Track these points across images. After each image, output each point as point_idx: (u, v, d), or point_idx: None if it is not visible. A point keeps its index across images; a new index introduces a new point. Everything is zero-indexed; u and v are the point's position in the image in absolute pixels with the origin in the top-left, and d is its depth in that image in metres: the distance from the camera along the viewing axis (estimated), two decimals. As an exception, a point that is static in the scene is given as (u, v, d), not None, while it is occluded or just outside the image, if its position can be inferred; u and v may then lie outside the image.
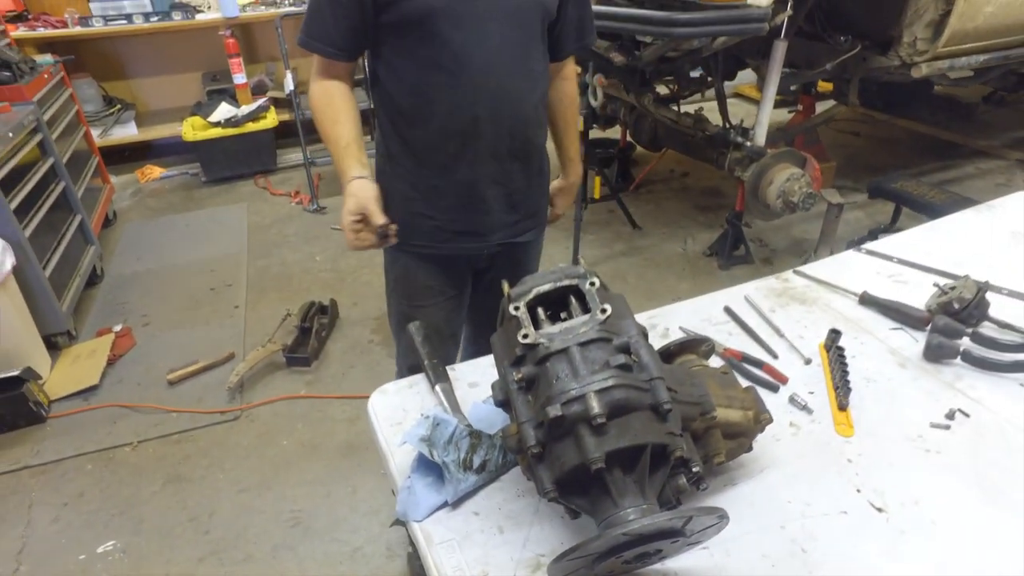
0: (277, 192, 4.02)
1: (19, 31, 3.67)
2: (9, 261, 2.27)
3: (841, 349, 1.12)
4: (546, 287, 0.77)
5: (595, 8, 2.45)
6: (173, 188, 4.18)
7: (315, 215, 3.72)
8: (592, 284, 0.75)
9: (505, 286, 0.81)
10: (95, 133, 3.90)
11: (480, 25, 1.20)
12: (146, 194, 4.11)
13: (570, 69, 1.49)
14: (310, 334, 2.55)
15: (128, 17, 3.96)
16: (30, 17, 3.86)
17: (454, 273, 1.48)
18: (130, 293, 3.04)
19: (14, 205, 2.41)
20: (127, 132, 4.29)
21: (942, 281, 1.25)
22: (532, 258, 1.60)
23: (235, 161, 4.15)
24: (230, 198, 4.00)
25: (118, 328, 2.72)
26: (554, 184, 1.58)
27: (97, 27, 3.91)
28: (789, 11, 2.37)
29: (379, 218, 1.24)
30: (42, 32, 3.78)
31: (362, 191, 1.24)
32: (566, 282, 0.77)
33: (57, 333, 2.59)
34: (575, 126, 1.59)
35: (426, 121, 1.29)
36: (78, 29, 3.87)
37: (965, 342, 1.12)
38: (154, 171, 4.32)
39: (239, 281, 3.10)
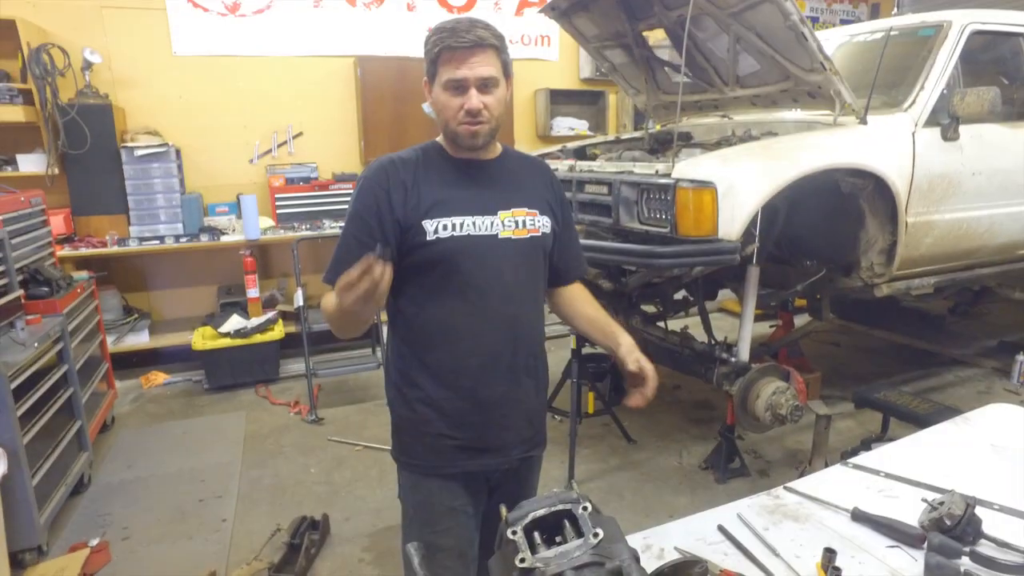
0: (277, 402, 4.08)
1: (64, 250, 4.04)
2: (0, 470, 2.24)
3: (838, 569, 1.11)
4: (541, 512, 0.82)
5: (586, 242, 2.79)
6: (175, 394, 4.25)
7: (312, 426, 3.74)
8: (585, 508, 0.80)
9: (503, 510, 0.86)
10: (109, 340, 4.08)
11: (496, 261, 1.38)
12: (147, 399, 4.17)
13: (577, 283, 1.66)
14: (299, 551, 2.44)
15: (161, 238, 4.37)
16: (76, 238, 4.27)
17: (475, 491, 1.51)
18: (114, 503, 2.95)
19: (22, 411, 2.44)
20: (139, 340, 4.47)
21: (930, 496, 1.28)
22: (536, 473, 1.65)
23: (239, 370, 4.27)
24: (230, 406, 4.05)
25: (94, 543, 2.58)
26: (621, 355, 1.47)
27: (132, 247, 4.31)
28: (757, 243, 2.67)
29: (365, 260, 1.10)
30: (83, 251, 4.16)
31: None
32: (560, 507, 0.82)
33: (26, 549, 2.45)
34: (598, 306, 1.62)
35: (451, 346, 1.40)
36: (115, 249, 4.25)
37: (965, 562, 1.12)
38: (158, 377, 4.42)
39: (230, 492, 3.03)
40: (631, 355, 1.47)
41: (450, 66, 1.30)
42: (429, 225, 1.33)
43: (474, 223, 1.36)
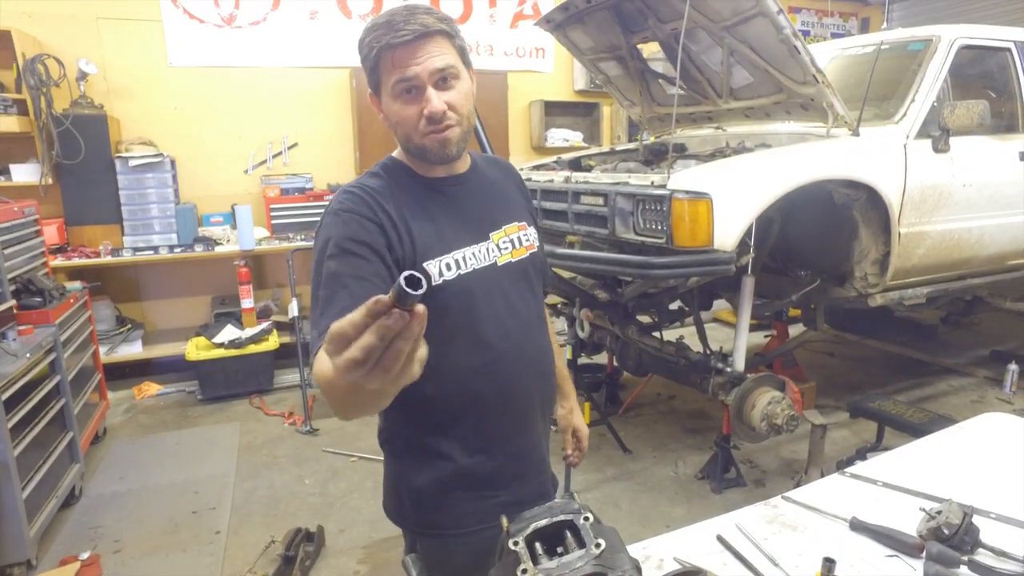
0: (271, 412, 4.06)
1: (57, 260, 4.02)
2: (-8, 483, 2.23)
3: (838, 580, 1.11)
4: (543, 522, 0.81)
5: (582, 252, 2.80)
6: (168, 405, 4.21)
7: (307, 436, 3.72)
8: (586, 519, 0.80)
9: (504, 521, 0.85)
10: (102, 350, 4.05)
11: (504, 294, 1.22)
12: (140, 410, 4.13)
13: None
14: (294, 563, 2.42)
15: (155, 249, 4.35)
16: (69, 248, 4.25)
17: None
18: (106, 515, 2.92)
19: (13, 422, 2.42)
20: (132, 350, 4.44)
21: (927, 505, 1.28)
22: None
23: (233, 381, 4.25)
24: (223, 417, 4.02)
25: (85, 556, 2.55)
26: (561, 414, 1.52)
27: (126, 257, 4.29)
28: (752, 253, 2.69)
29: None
30: (76, 261, 4.13)
31: None
32: (562, 517, 0.82)
33: (14, 564, 2.41)
34: (561, 353, 1.58)
35: (482, 398, 1.21)
36: (109, 259, 4.23)
37: (964, 571, 1.12)
38: (151, 388, 4.39)
39: (223, 504, 3.00)
40: (574, 418, 1.57)
41: (395, 67, 1.07)
42: (432, 267, 1.11)
43: (473, 255, 1.17)
